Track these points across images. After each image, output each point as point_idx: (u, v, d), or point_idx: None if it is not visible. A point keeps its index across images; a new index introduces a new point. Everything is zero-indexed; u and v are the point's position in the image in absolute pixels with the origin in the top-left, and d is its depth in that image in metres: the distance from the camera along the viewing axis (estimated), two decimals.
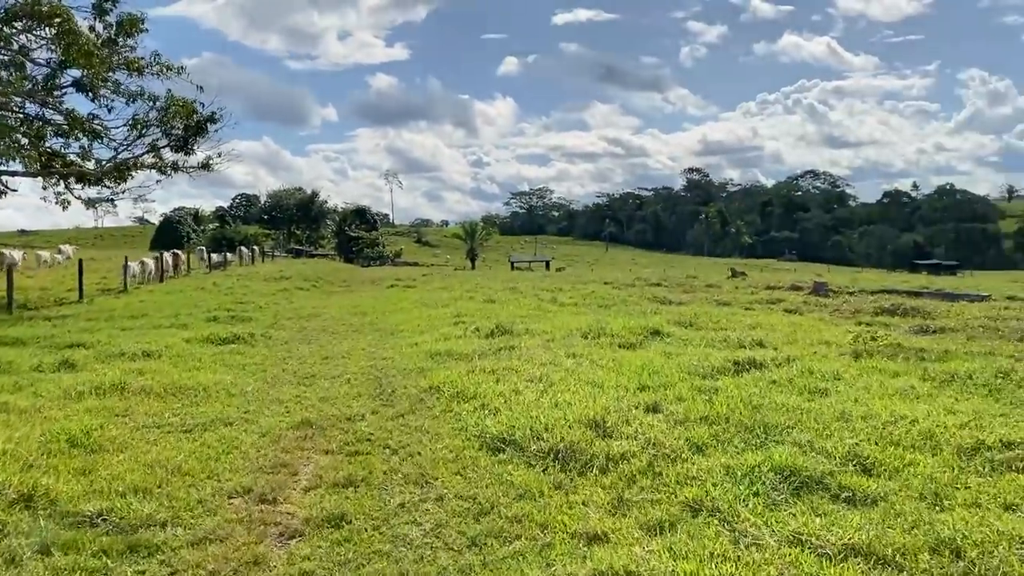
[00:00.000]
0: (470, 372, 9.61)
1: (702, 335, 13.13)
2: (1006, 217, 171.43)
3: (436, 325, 15.35)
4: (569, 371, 9.58)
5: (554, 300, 20.53)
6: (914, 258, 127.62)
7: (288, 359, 12.30)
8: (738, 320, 15.51)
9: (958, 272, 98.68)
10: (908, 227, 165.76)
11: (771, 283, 27.06)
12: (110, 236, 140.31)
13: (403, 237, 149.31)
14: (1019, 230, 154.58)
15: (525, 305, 18.94)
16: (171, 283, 30.61)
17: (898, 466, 5.87)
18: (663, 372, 9.46)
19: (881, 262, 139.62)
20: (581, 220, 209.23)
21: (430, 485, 5.98)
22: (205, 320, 16.91)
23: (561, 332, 13.53)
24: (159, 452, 6.95)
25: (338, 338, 14.69)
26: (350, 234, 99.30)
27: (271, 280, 32.00)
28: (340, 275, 41.97)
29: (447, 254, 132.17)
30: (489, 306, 18.46)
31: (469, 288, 25.50)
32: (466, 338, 13.19)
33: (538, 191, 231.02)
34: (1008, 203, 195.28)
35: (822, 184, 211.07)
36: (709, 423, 7.04)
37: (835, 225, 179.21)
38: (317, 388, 9.88)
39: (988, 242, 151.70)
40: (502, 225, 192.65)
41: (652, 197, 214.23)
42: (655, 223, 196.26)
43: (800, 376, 9.12)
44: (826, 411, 7.35)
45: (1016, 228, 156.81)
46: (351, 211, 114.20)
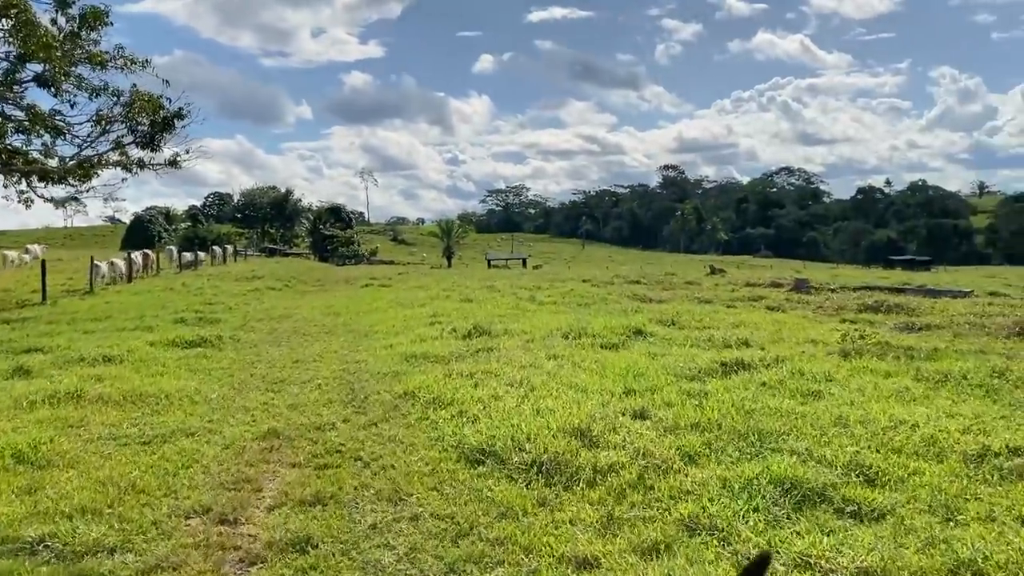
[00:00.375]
0: (447, 376, 9.17)
1: (686, 334, 12.80)
2: (977, 213, 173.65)
3: (412, 326, 14.89)
4: (551, 374, 9.18)
5: (532, 299, 20.13)
6: (888, 254, 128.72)
7: (256, 363, 11.79)
8: (721, 318, 15.20)
9: (932, 268, 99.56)
10: (882, 223, 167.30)
11: (751, 280, 26.85)
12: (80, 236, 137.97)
13: (379, 235, 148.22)
14: (990, 226, 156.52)
15: (503, 304, 18.51)
16: (139, 283, 29.86)
17: (903, 475, 5.53)
18: (649, 374, 9.09)
19: (855, 258, 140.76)
20: (557, 218, 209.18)
21: (404, 502, 5.54)
22: (172, 322, 16.32)
23: (541, 332, 13.13)
24: (113, 467, 6.46)
25: (310, 340, 14.18)
26: (325, 233, 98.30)
27: (242, 280, 31.31)
28: (314, 274, 41.31)
29: (423, 252, 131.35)
30: (466, 305, 18.02)
31: (446, 287, 25.03)
32: (443, 339, 12.74)
33: (514, 189, 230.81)
34: (979, 199, 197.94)
35: (797, 181, 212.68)
36: (700, 430, 6.66)
37: (809, 221, 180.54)
38: (286, 394, 9.40)
39: (960, 238, 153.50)
40: (478, 223, 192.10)
41: (628, 194, 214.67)
42: (631, 220, 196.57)
43: (791, 378, 8.78)
44: (822, 415, 7.01)
45: (987, 224, 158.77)
46: (326, 209, 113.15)
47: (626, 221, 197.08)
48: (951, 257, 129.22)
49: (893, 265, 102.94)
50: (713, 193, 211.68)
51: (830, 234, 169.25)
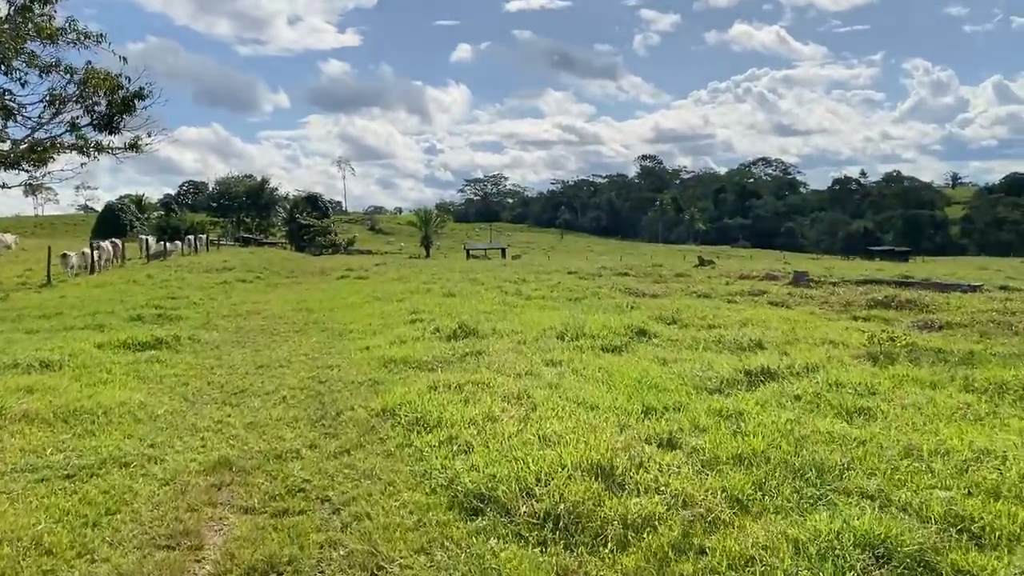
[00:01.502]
0: (432, 389, 7.91)
1: (693, 335, 11.62)
2: (951, 204, 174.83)
3: (391, 324, 13.61)
4: (552, 386, 7.95)
5: (519, 293, 18.90)
6: (865, 244, 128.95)
7: (216, 368, 10.47)
8: (726, 315, 14.06)
9: (910, 258, 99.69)
10: (858, 214, 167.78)
11: (744, 272, 25.79)
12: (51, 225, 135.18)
13: (356, 225, 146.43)
14: (965, 217, 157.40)
15: (488, 299, 17.26)
16: (103, 275, 28.26)
17: (1016, 532, 4.38)
18: (665, 386, 7.90)
19: (832, 248, 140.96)
20: (535, 207, 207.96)
21: (384, 571, 4.30)
22: (127, 319, 14.91)
23: (533, 332, 11.91)
24: (16, 516, 5.16)
25: (278, 341, 12.85)
26: (301, 222, 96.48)
27: (212, 271, 29.80)
28: (288, 265, 39.82)
29: (401, 242, 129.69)
30: (449, 300, 16.74)
31: (426, 279, 23.73)
32: (425, 340, 11.48)
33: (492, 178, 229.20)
34: (953, 190, 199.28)
35: (774, 171, 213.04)
36: (745, 464, 5.47)
37: (787, 212, 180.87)
38: (245, 409, 8.11)
39: (936, 228, 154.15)
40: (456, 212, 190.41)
41: (606, 184, 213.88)
42: (609, 210, 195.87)
43: (828, 390, 7.63)
44: (884, 443, 5.85)
45: (963, 215, 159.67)
46: (302, 198, 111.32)
47: (604, 211, 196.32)
48: (927, 247, 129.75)
49: (873, 255, 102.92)
50: (691, 183, 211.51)
51: (807, 224, 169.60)
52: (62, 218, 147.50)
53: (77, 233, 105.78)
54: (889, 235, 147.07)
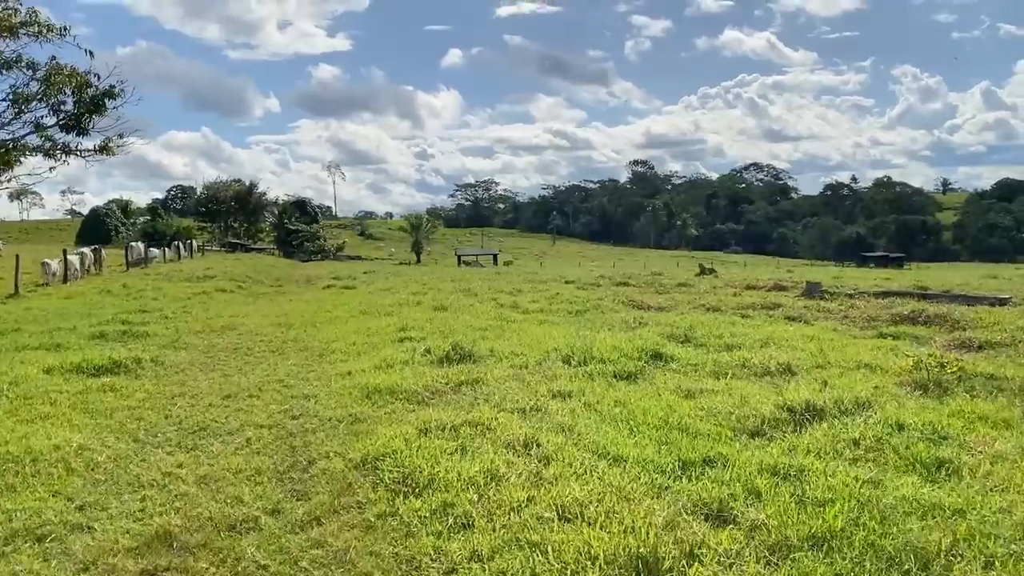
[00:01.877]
0: (422, 433, 6.68)
1: (714, 359, 10.44)
2: (943, 209, 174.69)
3: (376, 343, 12.37)
4: (565, 429, 6.73)
5: (515, 306, 17.70)
6: (857, 250, 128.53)
7: (177, 399, 9.21)
8: (743, 333, 12.89)
9: (905, 264, 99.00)
10: (850, 219, 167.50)
11: (750, 282, 24.65)
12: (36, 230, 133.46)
13: (346, 230, 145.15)
14: (958, 223, 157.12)
15: (483, 313, 16.05)
16: (76, 284, 26.92)
17: None
18: (698, 429, 6.71)
19: (824, 254, 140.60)
20: (527, 212, 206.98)
21: None
22: (88, 337, 13.62)
23: (535, 354, 10.70)
24: None
25: (251, 363, 11.59)
26: (289, 227, 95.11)
27: (192, 280, 28.51)
28: (274, 272, 38.55)
29: (391, 247, 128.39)
30: (440, 315, 15.51)
31: (415, 290, 22.50)
32: (414, 365, 10.25)
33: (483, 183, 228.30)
34: (943, 195, 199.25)
35: (765, 177, 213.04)
36: (824, 549, 4.27)
37: (778, 217, 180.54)
38: (202, 455, 6.87)
39: (928, 234, 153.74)
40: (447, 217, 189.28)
41: (598, 189, 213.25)
42: (601, 215, 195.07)
43: (890, 434, 6.45)
44: (988, 513, 4.67)
45: (955, 220, 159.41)
46: (291, 203, 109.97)
47: (596, 216, 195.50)
48: (920, 253, 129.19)
49: (867, 262, 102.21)
50: (682, 188, 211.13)
51: (799, 230, 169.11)
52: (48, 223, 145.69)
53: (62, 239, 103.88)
54: (882, 240, 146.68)
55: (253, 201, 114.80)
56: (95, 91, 18.42)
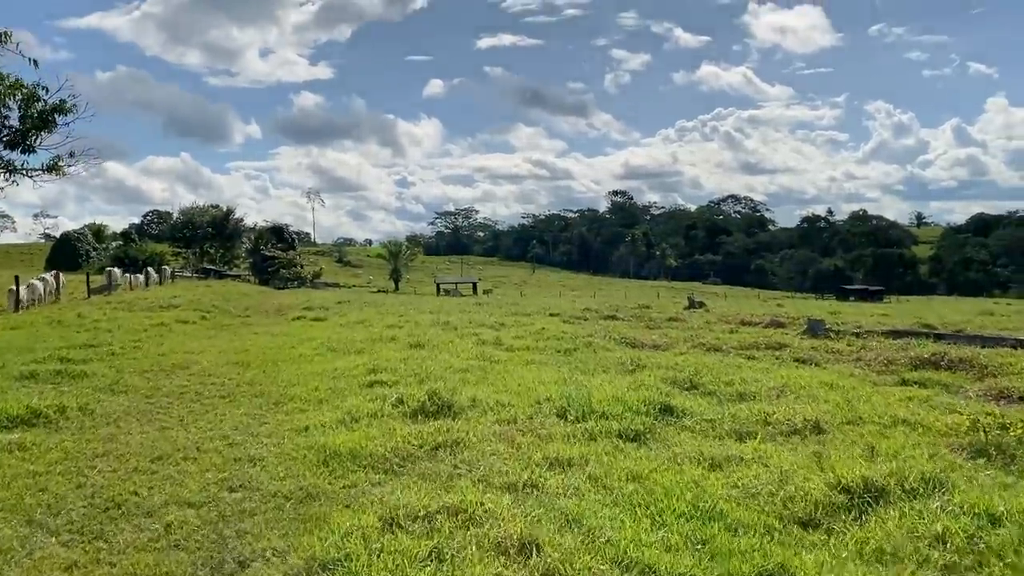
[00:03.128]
0: (387, 526, 5.19)
1: (730, 412, 9.06)
2: (918, 243, 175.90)
3: (342, 389, 10.87)
4: (570, 520, 5.28)
5: (499, 342, 16.25)
6: (835, 283, 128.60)
7: (98, 460, 7.67)
8: (752, 378, 11.54)
9: (884, 297, 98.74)
10: (828, 252, 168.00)
11: (744, 317, 23.39)
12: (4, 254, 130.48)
13: (325, 257, 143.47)
14: (935, 256, 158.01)
15: (464, 351, 14.59)
16: (28, 313, 25.14)
17: None
18: (738, 518, 5.31)
19: (802, 286, 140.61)
20: (507, 241, 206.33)
21: None
22: (16, 378, 12.00)
23: (525, 405, 9.28)
24: None
25: (196, 412, 10.05)
26: (265, 254, 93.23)
27: (155, 309, 26.78)
28: (244, 301, 36.81)
29: (370, 275, 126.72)
30: (417, 354, 14.02)
31: (391, 323, 20.99)
32: (383, 419, 8.78)
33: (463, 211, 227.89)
34: (918, 229, 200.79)
35: (743, 208, 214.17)
36: None
37: (756, 249, 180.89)
38: (103, 549, 5.35)
39: (905, 267, 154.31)
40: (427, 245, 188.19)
41: (577, 218, 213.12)
42: (581, 244, 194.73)
43: (981, 528, 5.09)
44: None
45: (932, 254, 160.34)
46: (267, 229, 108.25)
47: (576, 245, 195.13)
48: (897, 286, 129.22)
49: (847, 295, 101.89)
50: (661, 219, 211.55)
51: (777, 262, 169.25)
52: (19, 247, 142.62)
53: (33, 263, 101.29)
54: (859, 273, 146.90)
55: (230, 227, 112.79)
56: (43, 105, 16.94)
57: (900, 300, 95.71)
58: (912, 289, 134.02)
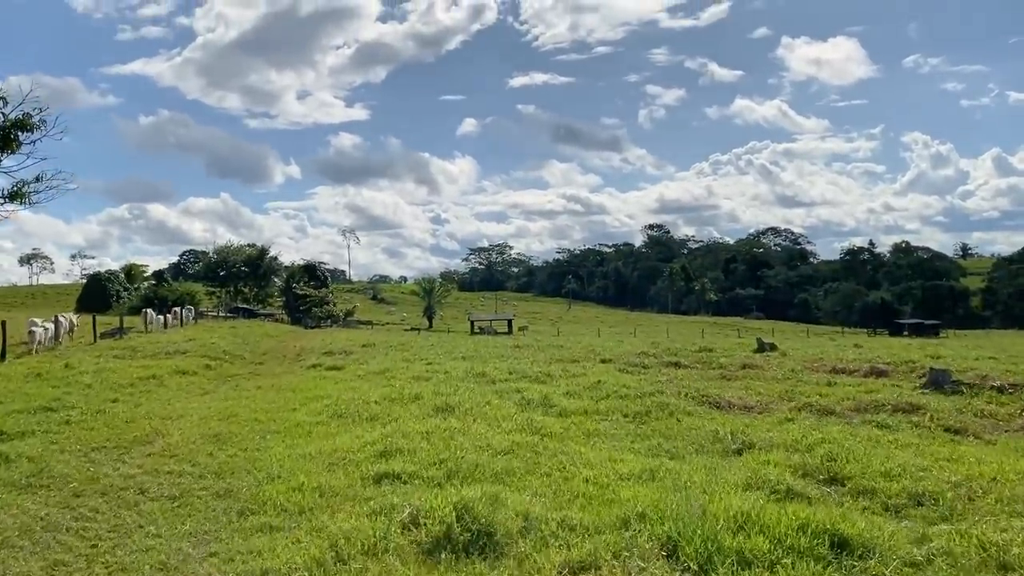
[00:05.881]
0: None
1: (938, 545, 5.71)
2: (966, 274, 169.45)
3: (337, 489, 7.69)
4: None
5: (547, 402, 12.98)
6: (883, 316, 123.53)
7: None
8: (913, 464, 8.17)
9: (940, 332, 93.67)
10: (873, 284, 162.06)
11: (832, 363, 19.83)
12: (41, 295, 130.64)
13: (359, 294, 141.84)
14: (988, 288, 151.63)
15: (505, 419, 11.32)
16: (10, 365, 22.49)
17: None
18: None
19: (849, 320, 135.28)
20: (541, 276, 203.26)
21: None
22: None
23: (607, 531, 6.03)
24: None
25: (120, 530, 6.91)
26: (297, 292, 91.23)
27: (158, 356, 23.99)
28: (264, 344, 34.00)
29: (403, 312, 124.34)
30: (444, 424, 10.78)
31: (417, 373, 17.84)
32: (388, 558, 5.58)
33: (497, 247, 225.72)
34: (964, 260, 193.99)
35: (783, 241, 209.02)
36: None
37: (799, 282, 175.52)
38: None
39: (956, 300, 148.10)
40: (461, 281, 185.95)
41: (613, 253, 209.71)
42: (616, 279, 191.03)
43: None
44: None
45: (984, 286, 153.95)
46: (299, 267, 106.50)
47: (611, 280, 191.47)
48: (948, 320, 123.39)
49: (901, 330, 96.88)
50: (699, 253, 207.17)
51: (821, 295, 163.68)
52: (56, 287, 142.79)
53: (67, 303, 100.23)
54: (908, 307, 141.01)
55: (264, 265, 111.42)
56: (3, 121, 14.26)
57: (957, 335, 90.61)
58: (965, 323, 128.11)
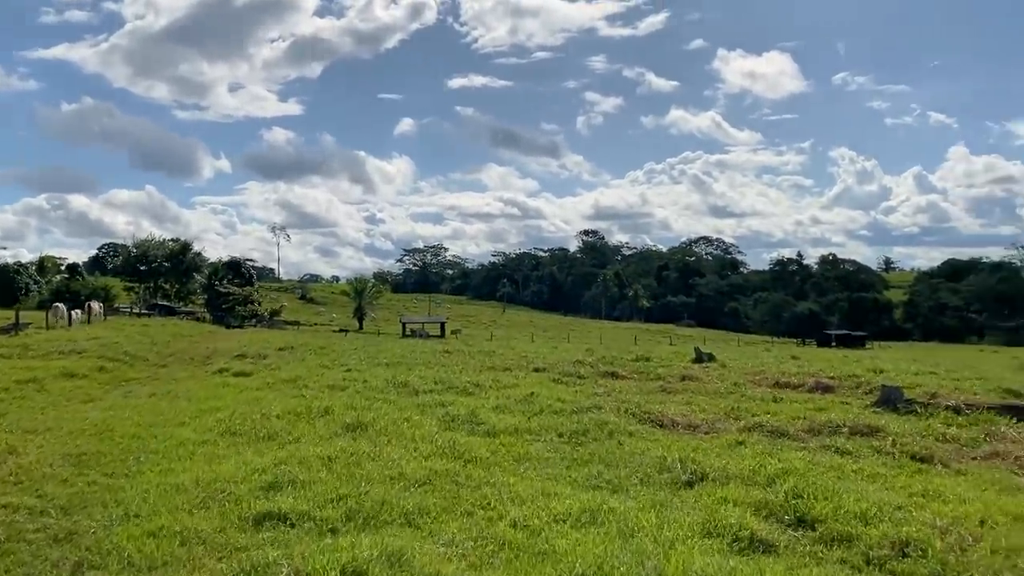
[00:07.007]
0: None
1: None
2: (889, 287, 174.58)
3: (210, 533, 6.14)
4: None
5: (474, 419, 11.59)
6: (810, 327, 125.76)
7: None
8: (887, 502, 7.07)
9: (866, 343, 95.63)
10: (801, 295, 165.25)
11: (774, 376, 18.93)
12: None
13: (287, 293, 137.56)
14: (909, 301, 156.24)
15: (423, 440, 9.87)
16: None
17: None
18: None
19: (777, 329, 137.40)
20: (476, 279, 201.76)
21: None
22: None
23: None
24: None
25: None
26: (220, 290, 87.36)
27: (49, 357, 21.77)
28: (174, 345, 31.74)
29: (333, 312, 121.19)
30: (352, 446, 9.26)
31: (333, 381, 16.25)
32: None
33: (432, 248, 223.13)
34: (887, 274, 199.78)
35: (715, 250, 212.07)
36: None
37: (729, 291, 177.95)
38: None
39: (880, 312, 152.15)
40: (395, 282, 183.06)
41: (548, 258, 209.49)
42: (551, 284, 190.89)
43: None
44: None
45: (905, 299, 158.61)
46: (223, 264, 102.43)
47: (546, 284, 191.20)
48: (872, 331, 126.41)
49: (829, 340, 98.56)
50: (633, 260, 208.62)
51: (750, 304, 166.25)
52: None
53: None
54: (834, 317, 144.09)
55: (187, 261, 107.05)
56: None
57: (882, 346, 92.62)
58: (889, 335, 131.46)
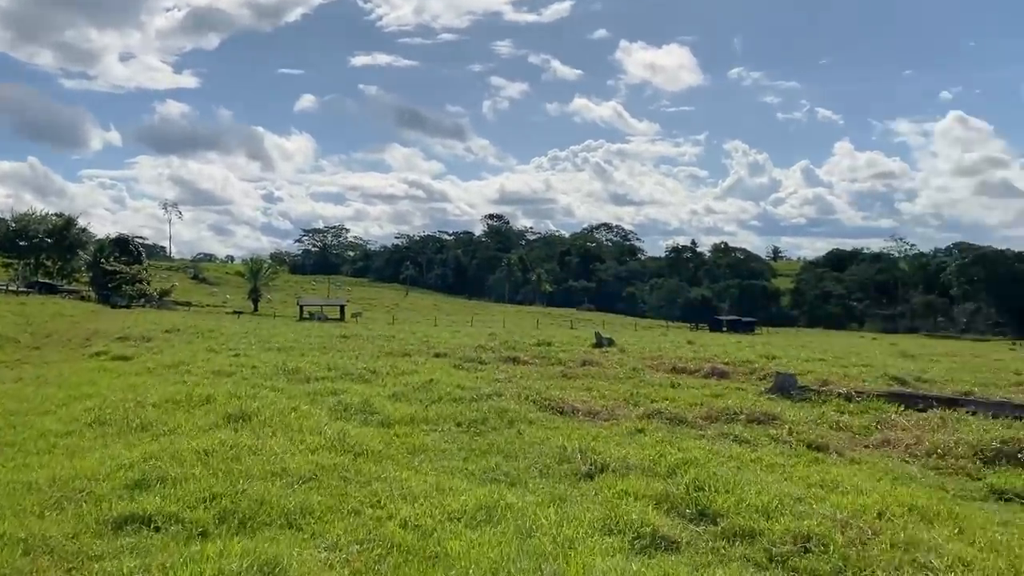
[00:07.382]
0: None
1: None
2: (776, 275, 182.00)
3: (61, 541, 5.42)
4: None
5: (368, 408, 11.08)
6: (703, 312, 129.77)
7: None
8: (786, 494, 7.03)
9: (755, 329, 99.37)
10: (695, 281, 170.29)
11: (671, 361, 19.12)
12: None
13: (179, 273, 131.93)
14: (796, 289, 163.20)
15: (311, 433, 9.30)
16: None
17: None
18: None
19: (672, 314, 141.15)
20: (378, 261, 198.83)
21: None
22: None
23: None
24: None
25: None
26: (106, 268, 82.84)
27: None
28: (52, 325, 29.78)
29: (227, 293, 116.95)
30: (232, 439, 8.59)
31: (219, 366, 15.37)
32: None
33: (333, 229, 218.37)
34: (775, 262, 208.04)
35: (615, 237, 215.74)
36: None
37: (628, 277, 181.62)
38: None
39: (769, 299, 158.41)
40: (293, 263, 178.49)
41: (453, 241, 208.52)
42: (456, 267, 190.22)
43: None
44: None
45: (792, 287, 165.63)
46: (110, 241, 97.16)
47: (451, 268, 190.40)
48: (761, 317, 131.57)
49: (720, 325, 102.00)
50: (536, 245, 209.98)
51: (647, 290, 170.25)
52: None
53: None
54: (725, 304, 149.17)
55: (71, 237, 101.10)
56: None
57: (770, 331, 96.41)
58: (776, 320, 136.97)
